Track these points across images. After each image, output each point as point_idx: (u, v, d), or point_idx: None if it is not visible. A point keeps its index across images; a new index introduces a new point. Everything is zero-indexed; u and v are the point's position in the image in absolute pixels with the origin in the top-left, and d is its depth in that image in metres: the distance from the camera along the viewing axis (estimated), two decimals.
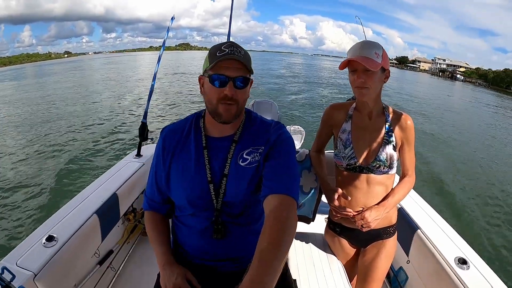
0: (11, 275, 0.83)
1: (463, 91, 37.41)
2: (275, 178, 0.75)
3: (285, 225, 0.64)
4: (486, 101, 25.83)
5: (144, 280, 1.37)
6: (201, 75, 0.82)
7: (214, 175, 0.80)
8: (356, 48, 0.96)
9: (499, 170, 6.13)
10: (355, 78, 0.96)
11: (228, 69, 0.75)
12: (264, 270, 0.54)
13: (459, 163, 6.31)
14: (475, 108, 19.06)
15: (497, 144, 8.67)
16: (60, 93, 14.38)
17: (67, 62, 61.32)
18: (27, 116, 9.33)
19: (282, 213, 0.66)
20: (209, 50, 0.79)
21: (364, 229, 1.05)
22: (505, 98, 32.62)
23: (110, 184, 1.41)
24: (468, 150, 7.47)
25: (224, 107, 0.76)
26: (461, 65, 78.66)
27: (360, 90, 0.97)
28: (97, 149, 5.93)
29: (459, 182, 5.15)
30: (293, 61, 68.93)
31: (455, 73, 72.06)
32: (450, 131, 9.65)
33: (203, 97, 0.82)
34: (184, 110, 9.87)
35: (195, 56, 73.68)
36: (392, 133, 1.04)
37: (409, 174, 1.09)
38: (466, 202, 4.41)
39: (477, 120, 13.39)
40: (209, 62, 0.77)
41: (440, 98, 21.32)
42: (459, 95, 30.16)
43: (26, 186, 4.33)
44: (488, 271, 1.00)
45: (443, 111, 14.28)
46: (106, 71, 29.92)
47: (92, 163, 5.22)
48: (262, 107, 2.44)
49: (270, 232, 0.61)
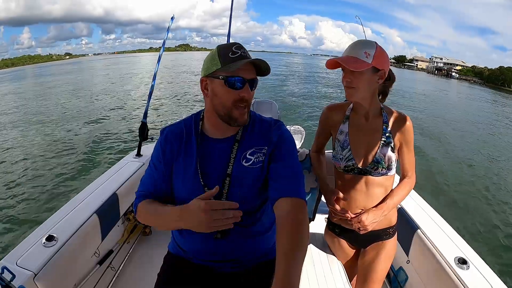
0: (11, 275, 0.83)
1: (458, 88, 38.14)
2: (282, 180, 0.76)
3: (302, 227, 0.67)
4: (479, 97, 26.46)
5: (144, 280, 1.37)
6: (204, 77, 0.79)
7: (215, 176, 0.80)
8: (348, 47, 0.96)
9: (499, 170, 6.12)
10: (342, 77, 0.97)
11: (244, 71, 0.74)
12: (292, 271, 0.58)
13: (459, 163, 6.31)
14: (472, 104, 19.24)
15: (497, 144, 8.66)
16: (60, 93, 14.39)
17: (67, 64, 61.37)
18: (27, 116, 9.33)
19: (297, 216, 0.69)
20: (217, 50, 0.77)
21: (361, 231, 1.05)
22: (498, 95, 33.38)
23: (110, 184, 1.41)
24: (468, 150, 7.46)
25: (239, 111, 0.76)
26: (457, 64, 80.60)
27: (347, 90, 0.97)
28: (97, 149, 5.93)
29: (459, 182, 5.14)
30: (292, 61, 69.01)
31: (451, 71, 74.49)
32: (449, 129, 9.65)
33: (211, 100, 0.78)
34: (184, 110, 9.86)
35: (194, 57, 73.84)
36: (390, 134, 1.02)
37: (409, 176, 1.09)
38: (466, 201, 4.41)
39: (474, 117, 13.44)
40: (221, 63, 0.74)
41: (435, 95, 21.73)
42: (455, 92, 30.78)
43: (26, 186, 4.33)
44: (488, 271, 1.00)
45: (440, 108, 14.43)
46: (107, 71, 29.94)
47: (92, 163, 5.22)
48: (262, 107, 2.44)
49: (290, 236, 0.64)
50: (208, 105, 0.82)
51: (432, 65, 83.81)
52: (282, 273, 0.58)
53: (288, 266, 0.59)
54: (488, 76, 67.51)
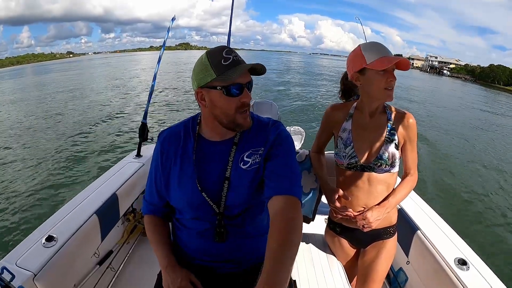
0: (11, 275, 0.83)
1: (449, 85, 39.87)
2: (278, 179, 0.75)
3: (292, 225, 0.66)
4: (469, 92, 27.65)
5: (144, 280, 1.37)
6: (199, 88, 0.75)
7: (213, 180, 0.80)
8: (382, 49, 0.95)
9: (499, 169, 6.12)
10: (386, 79, 0.94)
11: (241, 76, 0.73)
12: (278, 269, 0.57)
13: (458, 162, 6.31)
14: (467, 103, 19.49)
15: (497, 143, 8.65)
16: (60, 93, 14.38)
17: (69, 62, 61.49)
18: (27, 116, 9.33)
19: (288, 214, 0.68)
20: (208, 59, 0.73)
21: (365, 229, 1.05)
22: (485, 91, 35.17)
23: (110, 184, 1.41)
24: (467, 149, 7.46)
25: (242, 116, 0.76)
26: (451, 62, 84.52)
27: (389, 91, 0.96)
28: (97, 149, 5.93)
29: (459, 182, 5.14)
30: (292, 60, 69.15)
31: (442, 69, 79.28)
32: (447, 127, 9.69)
33: (211, 110, 0.76)
34: (184, 109, 9.86)
35: (195, 55, 74.31)
36: (395, 131, 1.03)
37: (411, 173, 1.09)
38: (466, 202, 4.41)
39: (470, 115, 13.57)
40: (215, 73, 0.72)
41: (427, 91, 22.35)
42: (445, 88, 32.19)
43: (26, 186, 4.32)
44: (487, 272, 1.00)
45: (436, 107, 14.59)
46: (108, 71, 29.98)
47: (92, 163, 5.22)
48: (262, 107, 2.44)
49: (279, 234, 0.64)
50: (205, 113, 0.80)
51: (427, 64, 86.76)
52: (267, 271, 0.57)
53: (275, 264, 0.57)
54: (479, 74, 70.43)
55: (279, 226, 0.65)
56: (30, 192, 4.11)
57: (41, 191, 4.14)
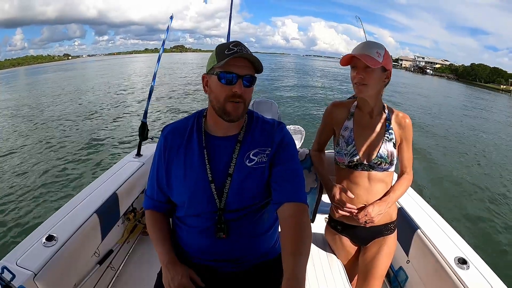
0: (11, 275, 0.83)
1: (430, 82, 41.78)
2: (286, 185, 0.78)
3: (305, 230, 0.73)
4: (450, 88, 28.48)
5: (144, 280, 1.37)
6: (204, 74, 0.82)
7: (218, 174, 0.80)
8: (359, 46, 0.99)
9: (499, 169, 6.12)
10: (355, 74, 0.99)
11: (238, 67, 0.75)
12: (299, 269, 0.64)
13: (458, 162, 6.31)
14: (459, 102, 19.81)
15: (497, 142, 8.66)
16: (60, 93, 14.38)
17: (68, 64, 61.60)
18: (27, 116, 9.33)
19: (300, 220, 0.74)
20: (216, 49, 0.80)
21: (367, 224, 1.07)
22: (465, 87, 37.62)
23: (110, 184, 1.41)
24: (467, 148, 7.46)
25: (232, 105, 0.77)
26: (437, 62, 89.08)
27: (359, 86, 1.00)
28: (97, 149, 5.94)
29: (458, 182, 5.14)
30: (286, 61, 69.48)
31: (426, 69, 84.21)
32: (446, 127, 9.69)
33: (209, 96, 0.82)
34: (185, 109, 9.86)
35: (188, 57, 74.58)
36: (392, 131, 1.07)
37: (407, 172, 1.13)
38: (466, 202, 4.41)
39: (466, 113, 13.62)
40: (217, 60, 0.76)
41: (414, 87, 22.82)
42: (429, 86, 33.46)
43: (26, 185, 4.33)
44: (488, 271, 1.00)
45: (431, 105, 14.72)
46: (107, 72, 29.98)
47: (92, 163, 5.22)
48: (262, 106, 2.44)
49: (294, 238, 0.70)
50: (209, 102, 0.83)
51: (414, 64, 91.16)
52: (290, 271, 0.63)
53: (295, 264, 0.64)
54: (461, 73, 73.97)
55: (293, 232, 0.71)
56: (30, 192, 4.12)
57: (41, 191, 4.14)
